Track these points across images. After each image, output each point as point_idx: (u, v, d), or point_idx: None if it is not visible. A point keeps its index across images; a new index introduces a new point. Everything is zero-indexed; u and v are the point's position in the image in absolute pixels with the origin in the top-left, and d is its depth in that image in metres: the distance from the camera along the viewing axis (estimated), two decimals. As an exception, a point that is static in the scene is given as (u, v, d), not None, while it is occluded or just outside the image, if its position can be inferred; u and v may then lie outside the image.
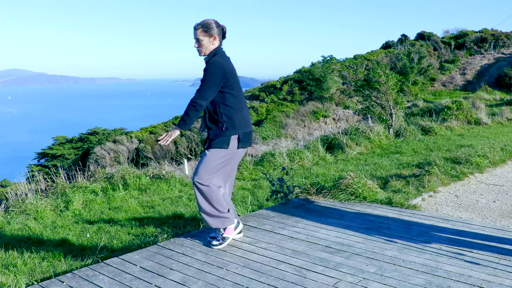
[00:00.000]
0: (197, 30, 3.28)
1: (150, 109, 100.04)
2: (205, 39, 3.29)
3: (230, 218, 3.49)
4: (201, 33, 3.28)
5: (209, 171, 3.32)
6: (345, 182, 5.03)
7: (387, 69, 13.47)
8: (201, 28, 3.28)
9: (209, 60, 3.32)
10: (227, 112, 3.32)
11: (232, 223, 3.52)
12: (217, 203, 3.37)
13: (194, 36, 3.31)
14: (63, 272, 3.28)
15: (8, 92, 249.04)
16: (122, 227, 4.96)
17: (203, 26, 3.29)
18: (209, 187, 3.32)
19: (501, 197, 5.46)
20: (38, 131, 65.83)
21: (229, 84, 3.31)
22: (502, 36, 33.49)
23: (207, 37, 3.29)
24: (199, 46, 3.31)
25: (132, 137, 21.49)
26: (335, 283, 2.87)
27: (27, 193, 6.30)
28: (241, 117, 3.38)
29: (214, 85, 3.25)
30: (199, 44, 3.30)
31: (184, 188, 7.23)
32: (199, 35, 3.28)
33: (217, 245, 3.49)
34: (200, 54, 3.35)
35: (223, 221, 3.45)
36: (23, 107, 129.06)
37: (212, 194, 3.33)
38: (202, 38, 3.28)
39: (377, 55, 31.19)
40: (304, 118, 22.89)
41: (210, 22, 3.31)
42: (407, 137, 10.44)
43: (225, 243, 3.51)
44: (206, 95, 3.24)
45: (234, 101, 3.34)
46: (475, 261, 3.17)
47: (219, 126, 3.32)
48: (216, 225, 3.45)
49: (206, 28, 3.29)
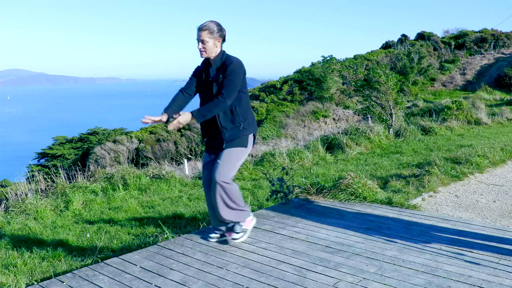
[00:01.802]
0: (202, 31, 3.29)
1: (150, 109, 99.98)
2: (210, 41, 3.30)
3: (248, 211, 3.62)
4: (206, 34, 3.29)
5: (232, 170, 3.40)
6: (345, 182, 5.03)
7: (387, 69, 13.46)
8: (207, 30, 3.29)
9: (226, 61, 3.34)
10: (243, 111, 3.40)
11: (249, 215, 3.67)
12: (239, 198, 3.47)
13: (198, 37, 3.31)
14: (63, 272, 3.28)
15: (8, 92, 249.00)
16: (122, 227, 4.95)
17: (208, 28, 3.30)
18: (232, 185, 3.40)
19: (501, 197, 5.46)
20: (38, 131, 65.82)
21: (244, 84, 3.39)
22: (502, 36, 33.49)
23: (212, 39, 3.30)
24: (203, 47, 3.31)
25: (132, 137, 21.48)
26: (335, 283, 2.87)
27: (27, 193, 6.30)
28: (252, 116, 3.50)
29: (239, 85, 3.32)
30: (204, 45, 3.31)
31: (184, 188, 7.23)
32: (205, 36, 3.28)
33: (238, 238, 3.61)
34: (203, 55, 3.35)
35: (243, 214, 3.56)
36: (23, 107, 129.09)
37: (235, 190, 3.42)
38: (208, 40, 3.29)
39: (377, 55, 31.18)
40: (304, 118, 22.88)
41: (215, 24, 3.33)
42: (407, 137, 10.44)
43: (246, 235, 3.65)
44: (233, 96, 3.29)
45: (247, 101, 3.45)
46: (475, 261, 3.17)
47: (236, 126, 3.36)
48: (238, 219, 3.54)
49: (212, 30, 3.30)
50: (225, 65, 3.33)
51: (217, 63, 3.37)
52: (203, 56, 3.37)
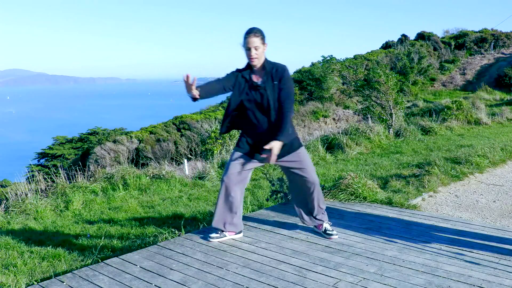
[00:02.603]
0: (255, 37, 3.28)
1: (150, 109, 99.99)
2: (261, 47, 3.31)
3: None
4: (260, 40, 3.29)
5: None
6: (345, 182, 5.03)
7: (387, 69, 13.46)
8: (260, 36, 3.30)
9: (275, 67, 3.36)
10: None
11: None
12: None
13: (251, 44, 3.27)
14: (63, 272, 3.28)
15: (8, 92, 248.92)
16: (122, 227, 4.95)
17: (261, 34, 3.31)
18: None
19: (501, 197, 5.46)
20: (38, 131, 65.79)
21: None
22: (502, 36, 33.48)
23: (263, 45, 3.32)
24: (256, 54, 3.30)
25: (132, 137, 21.47)
26: (335, 283, 2.87)
27: (27, 193, 6.30)
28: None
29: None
30: (257, 52, 3.30)
31: (184, 188, 7.23)
32: (258, 43, 3.28)
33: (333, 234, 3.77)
34: (254, 62, 3.33)
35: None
36: (23, 107, 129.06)
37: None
38: (260, 46, 3.30)
39: (377, 55, 31.18)
40: (304, 118, 22.88)
41: (260, 30, 3.34)
42: (407, 137, 10.44)
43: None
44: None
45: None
46: (475, 261, 3.17)
47: (289, 131, 3.38)
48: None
49: (262, 35, 3.31)
50: (277, 71, 3.34)
51: (262, 68, 3.37)
52: (254, 64, 3.34)
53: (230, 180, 3.50)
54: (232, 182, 3.50)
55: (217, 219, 3.63)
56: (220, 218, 3.63)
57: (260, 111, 3.40)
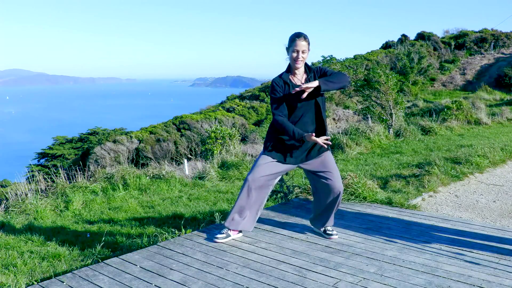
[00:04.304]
0: (305, 41, 3.39)
1: (150, 109, 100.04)
2: (307, 52, 3.43)
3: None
4: (307, 45, 3.42)
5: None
6: (345, 182, 5.03)
7: (387, 69, 13.46)
8: (308, 41, 3.42)
9: (315, 68, 3.52)
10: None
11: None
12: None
13: (300, 47, 3.37)
14: (63, 272, 3.28)
15: (8, 92, 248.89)
16: (122, 227, 4.95)
17: (308, 39, 3.43)
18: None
19: (501, 197, 5.46)
20: (38, 131, 65.81)
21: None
22: (502, 36, 33.50)
23: (308, 50, 3.44)
24: (303, 57, 3.42)
25: (132, 137, 21.48)
26: (335, 283, 2.87)
27: (27, 193, 6.30)
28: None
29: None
30: (304, 55, 3.42)
31: (184, 188, 7.23)
32: (306, 47, 3.41)
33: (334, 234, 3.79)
34: (300, 65, 3.45)
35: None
36: (22, 107, 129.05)
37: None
38: (307, 51, 3.42)
39: (377, 55, 31.19)
40: (304, 118, 22.85)
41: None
42: (407, 137, 10.44)
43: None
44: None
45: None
46: (475, 261, 3.17)
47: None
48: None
49: (309, 42, 3.43)
50: (319, 69, 3.50)
51: (304, 71, 3.49)
52: (299, 66, 3.44)
53: (255, 182, 3.50)
54: (255, 183, 3.50)
55: (231, 218, 3.63)
56: (235, 218, 3.62)
57: (305, 111, 3.47)
